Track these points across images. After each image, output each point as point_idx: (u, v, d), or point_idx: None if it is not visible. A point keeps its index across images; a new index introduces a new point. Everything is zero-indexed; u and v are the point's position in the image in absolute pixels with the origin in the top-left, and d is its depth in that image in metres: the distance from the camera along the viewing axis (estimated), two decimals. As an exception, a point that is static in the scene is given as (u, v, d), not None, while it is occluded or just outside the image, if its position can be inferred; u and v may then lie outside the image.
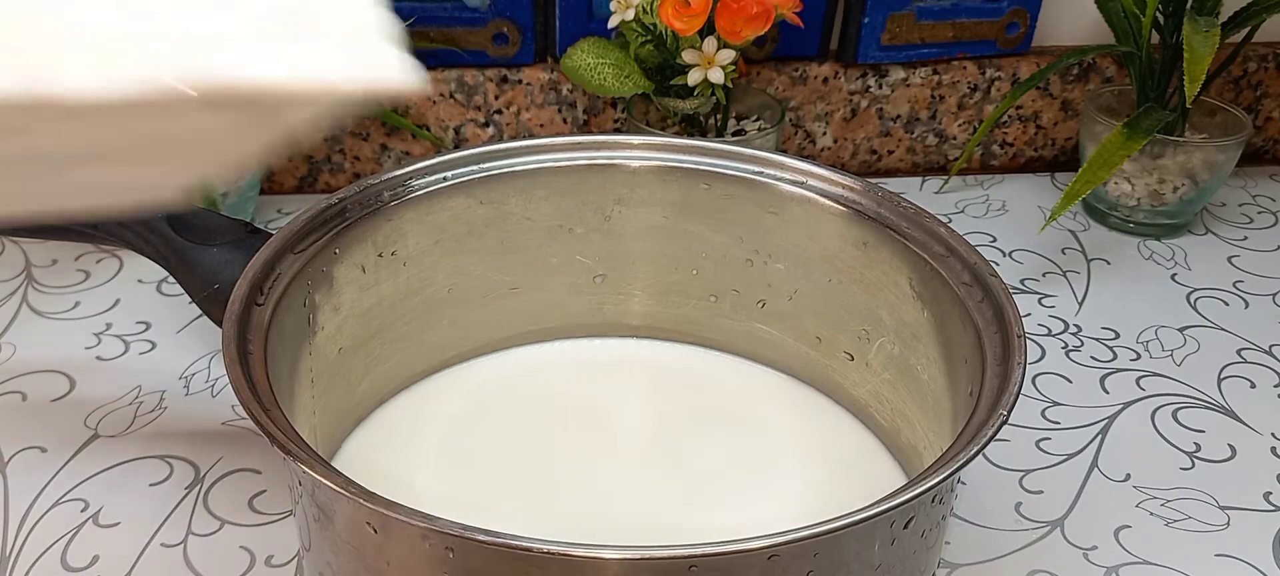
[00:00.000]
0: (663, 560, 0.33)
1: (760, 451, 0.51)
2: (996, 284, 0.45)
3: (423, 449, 0.52)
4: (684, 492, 0.49)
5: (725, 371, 0.58)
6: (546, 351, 0.59)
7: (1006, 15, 0.79)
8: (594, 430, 0.52)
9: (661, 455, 0.51)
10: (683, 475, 0.50)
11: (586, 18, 0.75)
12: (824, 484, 0.49)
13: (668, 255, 0.58)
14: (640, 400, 0.55)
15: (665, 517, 0.48)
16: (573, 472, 0.51)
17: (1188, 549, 0.51)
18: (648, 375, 0.57)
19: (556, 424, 0.53)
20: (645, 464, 0.51)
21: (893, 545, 0.38)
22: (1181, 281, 0.72)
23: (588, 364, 0.58)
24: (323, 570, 0.40)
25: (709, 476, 0.50)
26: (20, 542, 0.49)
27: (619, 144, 0.55)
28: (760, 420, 0.53)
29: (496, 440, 0.53)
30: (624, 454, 0.51)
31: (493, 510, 0.48)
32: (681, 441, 0.52)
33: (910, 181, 0.84)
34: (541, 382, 0.57)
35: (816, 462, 0.51)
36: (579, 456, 0.51)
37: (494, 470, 0.51)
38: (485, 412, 0.54)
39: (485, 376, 0.57)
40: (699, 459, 0.51)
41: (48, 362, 0.61)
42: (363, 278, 0.51)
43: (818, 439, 0.52)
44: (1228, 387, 0.62)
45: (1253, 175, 0.86)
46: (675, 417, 0.53)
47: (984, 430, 0.38)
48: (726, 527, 0.46)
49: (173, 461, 0.54)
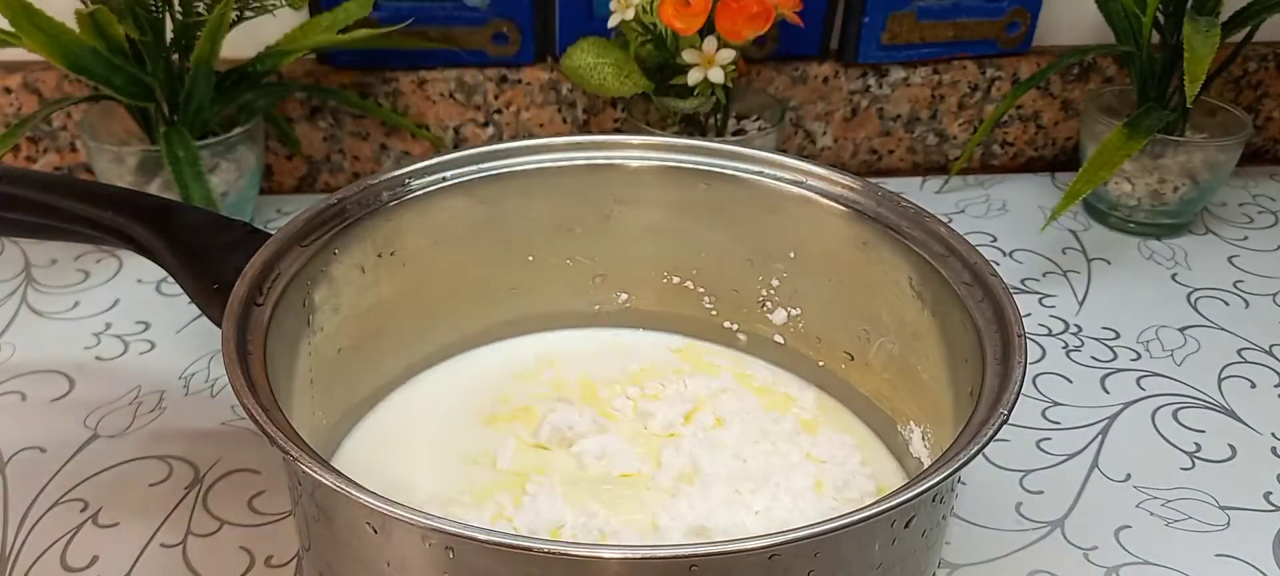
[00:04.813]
0: (663, 560, 0.33)
1: (760, 451, 0.51)
2: (997, 283, 0.45)
3: (423, 448, 0.52)
4: (684, 492, 0.49)
5: (725, 371, 0.57)
6: (546, 348, 0.59)
7: (1007, 15, 0.79)
8: (594, 429, 0.52)
9: (662, 455, 0.51)
10: (683, 475, 0.50)
11: (586, 17, 0.74)
12: (824, 483, 0.49)
13: (667, 255, 0.58)
14: (640, 399, 0.55)
15: (665, 517, 0.48)
16: (573, 472, 0.51)
17: (1188, 549, 0.51)
18: (648, 374, 0.57)
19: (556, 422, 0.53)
20: (645, 464, 0.51)
21: (893, 545, 0.38)
22: (1182, 281, 0.72)
23: (588, 362, 0.58)
24: (323, 570, 0.40)
25: (709, 476, 0.50)
26: (20, 542, 0.49)
27: (619, 144, 0.55)
28: (760, 420, 0.53)
29: (496, 440, 0.53)
30: (624, 453, 0.51)
31: (493, 510, 0.48)
32: (682, 441, 0.52)
33: (910, 181, 0.84)
34: (541, 380, 0.56)
35: (817, 462, 0.51)
36: (579, 456, 0.51)
37: (494, 469, 0.51)
38: (485, 411, 0.54)
39: (485, 375, 0.57)
40: (699, 458, 0.51)
41: (47, 362, 0.61)
42: (362, 278, 0.51)
43: (818, 438, 0.52)
44: (1228, 387, 0.62)
45: (1253, 175, 0.86)
46: (675, 417, 0.53)
47: (984, 430, 0.38)
48: (727, 527, 0.47)
49: (172, 461, 0.54)
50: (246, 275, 0.44)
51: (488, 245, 0.55)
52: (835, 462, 0.51)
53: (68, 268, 0.69)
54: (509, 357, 0.58)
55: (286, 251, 0.46)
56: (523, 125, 0.79)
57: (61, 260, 0.69)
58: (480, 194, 0.54)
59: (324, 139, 0.77)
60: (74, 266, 0.69)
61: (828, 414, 0.55)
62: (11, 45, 0.62)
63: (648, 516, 0.48)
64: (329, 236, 0.48)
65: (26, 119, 0.65)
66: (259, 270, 0.44)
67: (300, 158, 0.78)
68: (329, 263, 0.48)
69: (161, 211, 0.49)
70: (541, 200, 0.55)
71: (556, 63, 0.77)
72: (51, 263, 0.69)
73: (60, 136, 0.75)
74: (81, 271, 0.69)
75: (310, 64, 0.76)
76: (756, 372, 0.57)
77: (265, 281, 0.44)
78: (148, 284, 0.67)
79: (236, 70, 0.69)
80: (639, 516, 0.48)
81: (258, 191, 0.73)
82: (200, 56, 0.64)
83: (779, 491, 0.49)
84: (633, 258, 0.58)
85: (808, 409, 0.55)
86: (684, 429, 0.53)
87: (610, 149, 0.55)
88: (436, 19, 0.74)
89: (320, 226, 0.48)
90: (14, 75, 0.73)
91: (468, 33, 0.75)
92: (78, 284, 0.67)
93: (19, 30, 0.60)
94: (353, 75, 0.75)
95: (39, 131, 0.75)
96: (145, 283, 0.68)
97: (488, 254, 0.55)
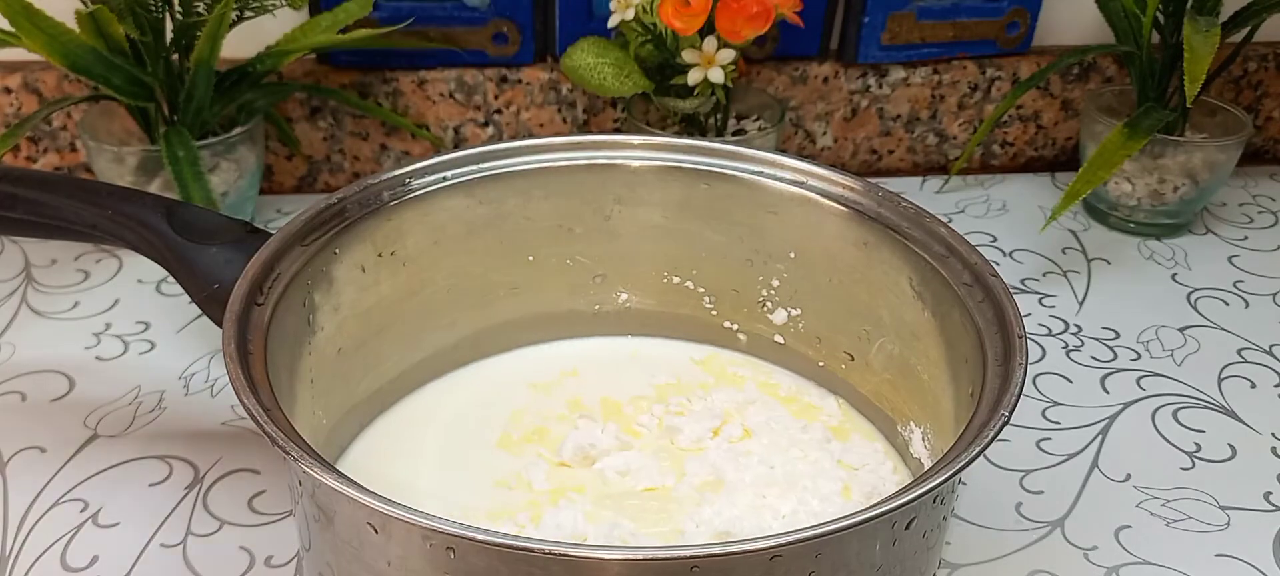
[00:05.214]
0: (664, 560, 0.33)
1: (761, 451, 0.51)
2: (997, 284, 0.45)
3: (423, 449, 0.52)
4: (685, 492, 0.49)
5: (725, 371, 0.57)
6: (546, 351, 0.59)
7: (1007, 15, 0.79)
8: (594, 430, 0.52)
9: (662, 455, 0.51)
10: (683, 475, 0.50)
11: (586, 17, 0.74)
12: (825, 484, 0.49)
13: (667, 255, 0.58)
14: (641, 400, 0.55)
15: (666, 517, 0.48)
16: (572, 472, 0.51)
17: (1188, 549, 0.51)
18: (648, 375, 0.57)
19: (557, 424, 0.53)
20: (645, 464, 0.51)
21: (894, 545, 0.38)
22: (1182, 281, 0.72)
23: (588, 363, 0.58)
24: (323, 570, 0.40)
25: (710, 476, 0.50)
26: (20, 542, 0.49)
27: (619, 144, 0.55)
28: (760, 420, 0.53)
29: (497, 440, 0.53)
30: (624, 454, 0.51)
31: (493, 510, 0.48)
32: (682, 442, 0.52)
33: (910, 181, 0.84)
34: (541, 382, 0.56)
35: (849, 469, 0.51)
36: (579, 456, 0.51)
37: (495, 470, 0.51)
38: (486, 413, 0.54)
39: (486, 376, 0.57)
40: (699, 459, 0.51)
41: (47, 362, 0.61)
42: (362, 278, 0.51)
43: (818, 439, 0.52)
44: (1228, 387, 0.62)
45: (1253, 175, 0.86)
46: (676, 418, 0.53)
47: (985, 431, 0.38)
48: (728, 528, 0.47)
49: (172, 461, 0.54)
50: (246, 275, 0.44)
51: (488, 245, 0.55)
52: (867, 469, 0.50)
53: (68, 267, 0.69)
54: (510, 358, 0.58)
55: (286, 251, 0.46)
56: (523, 125, 0.79)
57: (61, 260, 0.69)
58: (480, 194, 0.54)
59: (324, 139, 0.77)
60: (74, 266, 0.69)
61: (828, 413, 0.55)
62: (11, 45, 0.62)
63: (672, 525, 0.47)
64: (329, 236, 0.48)
65: (26, 119, 0.65)
66: (259, 270, 0.44)
67: (300, 158, 0.78)
68: (329, 263, 0.48)
69: (161, 211, 0.49)
70: (541, 200, 0.55)
71: (556, 63, 0.77)
72: (51, 263, 0.69)
73: (60, 136, 0.75)
74: (81, 271, 0.69)
75: (310, 64, 0.76)
76: (782, 382, 0.57)
77: (265, 281, 0.44)
78: (148, 284, 0.67)
79: (236, 70, 0.69)
80: (664, 527, 0.47)
81: (258, 191, 0.73)
82: (200, 56, 0.64)
83: (807, 496, 0.48)
84: (633, 257, 0.58)
85: (808, 409, 0.55)
86: (684, 430, 0.53)
87: (610, 149, 0.55)
88: (436, 19, 0.74)
89: (320, 226, 0.48)
90: (14, 75, 0.73)
91: (468, 33, 0.75)
92: (78, 284, 0.67)
93: (19, 30, 0.60)
94: (353, 75, 0.75)
95: (39, 131, 0.75)
96: (145, 283, 0.68)
97: (488, 254, 0.55)
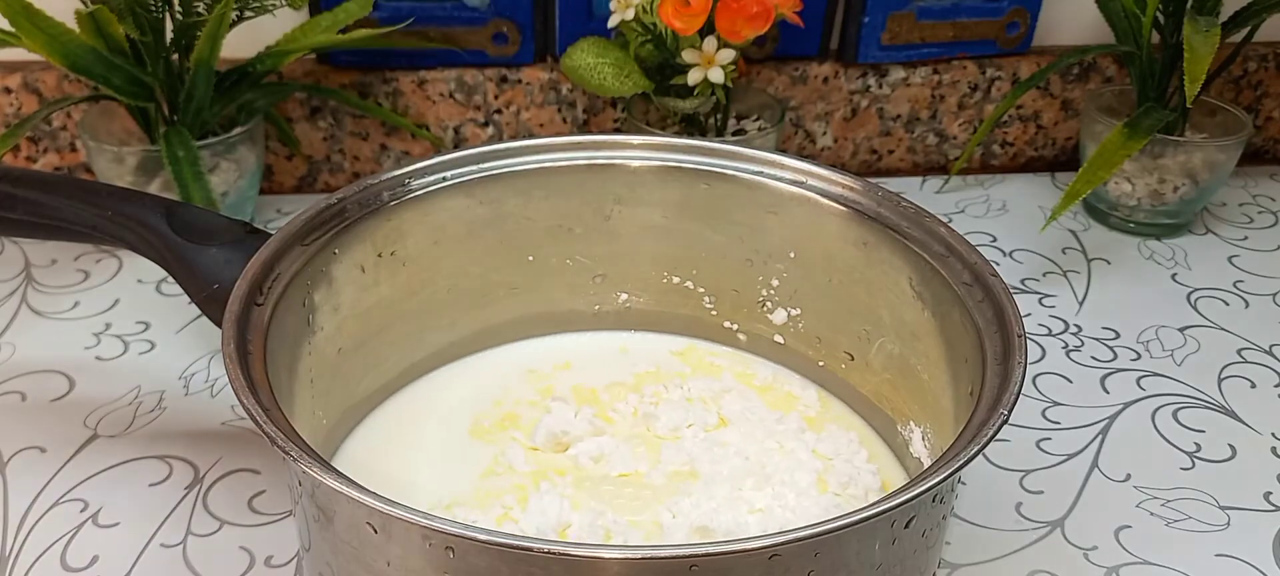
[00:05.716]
0: (663, 560, 0.33)
1: (761, 451, 0.51)
2: (997, 283, 0.45)
3: (423, 448, 0.52)
4: (684, 492, 0.49)
5: (725, 371, 0.57)
6: (546, 349, 0.59)
7: (1006, 15, 0.79)
8: (594, 429, 0.52)
9: (662, 455, 0.51)
10: (683, 474, 0.50)
11: (586, 17, 0.74)
12: (828, 480, 0.49)
13: (667, 255, 0.58)
14: (640, 399, 0.55)
15: (666, 517, 0.48)
16: (572, 472, 0.51)
17: (1188, 549, 0.51)
18: (648, 374, 0.57)
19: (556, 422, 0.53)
20: (646, 463, 0.51)
21: (893, 545, 0.38)
22: (1182, 281, 0.72)
23: (588, 362, 0.58)
24: (323, 570, 0.40)
25: (709, 476, 0.50)
26: (20, 542, 0.49)
27: (619, 144, 0.55)
28: (761, 420, 0.53)
29: (498, 444, 0.53)
30: (624, 453, 0.51)
31: (499, 511, 0.48)
32: (682, 441, 0.52)
33: (910, 181, 0.84)
34: (541, 380, 0.56)
35: (823, 459, 0.51)
36: (579, 455, 0.51)
37: (494, 469, 0.51)
38: (484, 417, 0.54)
39: (485, 375, 0.57)
40: (699, 458, 0.51)
41: (47, 362, 0.61)
42: (362, 278, 0.51)
43: (823, 435, 0.52)
44: (1228, 387, 0.62)
45: (1253, 175, 0.86)
46: (676, 417, 0.53)
47: (984, 430, 0.38)
48: (727, 527, 0.47)
49: (172, 461, 0.54)
50: (246, 275, 0.44)
51: (488, 245, 0.55)
52: (841, 459, 0.51)
53: (68, 268, 0.69)
54: (510, 362, 0.58)
55: (286, 251, 0.46)
56: (523, 125, 0.79)
57: (61, 260, 0.69)
58: (480, 194, 0.54)
59: (324, 139, 0.77)
60: (74, 266, 0.69)
61: (828, 413, 0.55)
62: (11, 45, 0.62)
63: (650, 515, 0.48)
64: (329, 236, 0.48)
65: (26, 119, 0.65)
66: (259, 270, 0.44)
67: (300, 158, 0.78)
68: (329, 263, 0.48)
69: (161, 211, 0.49)
70: (541, 200, 0.55)
71: (556, 63, 0.77)
72: (51, 263, 0.69)
73: (60, 136, 0.75)
74: (81, 271, 0.69)
75: (310, 64, 0.76)
76: (758, 372, 0.57)
77: (265, 281, 0.44)
78: (148, 284, 0.67)
79: (236, 70, 0.69)
80: (642, 516, 0.48)
81: (258, 191, 0.73)
82: (200, 56, 0.64)
83: (783, 488, 0.49)
84: (633, 257, 0.58)
85: (811, 406, 0.55)
86: (684, 429, 0.53)
87: (610, 149, 0.55)
88: (436, 19, 0.74)
89: (320, 226, 0.48)
90: (14, 75, 0.73)
91: (468, 33, 0.75)
92: (78, 284, 0.67)
93: (19, 30, 0.60)
94: (353, 75, 0.75)
95: (39, 131, 0.75)
96: (145, 283, 0.68)
97: (488, 254, 0.55)
